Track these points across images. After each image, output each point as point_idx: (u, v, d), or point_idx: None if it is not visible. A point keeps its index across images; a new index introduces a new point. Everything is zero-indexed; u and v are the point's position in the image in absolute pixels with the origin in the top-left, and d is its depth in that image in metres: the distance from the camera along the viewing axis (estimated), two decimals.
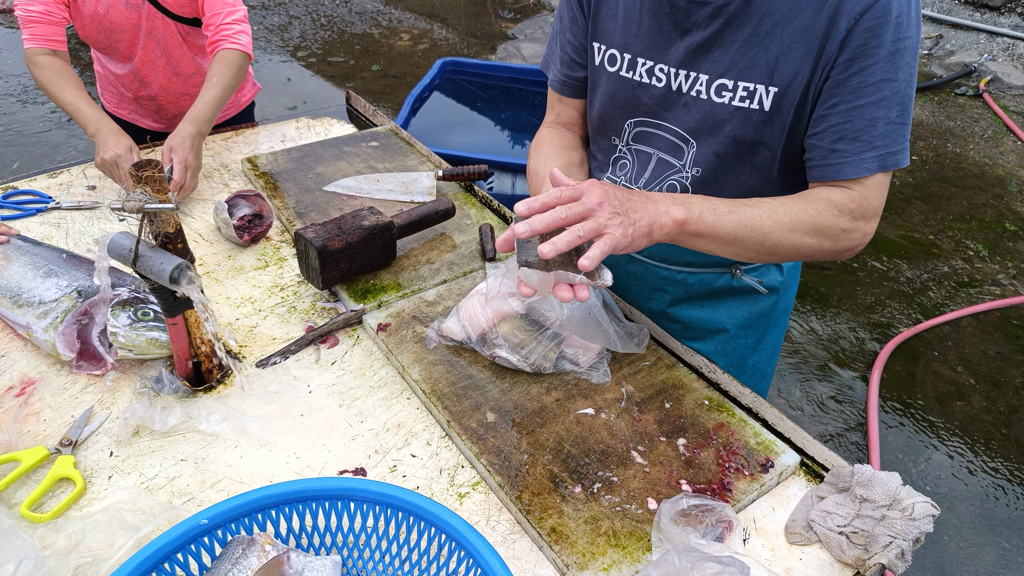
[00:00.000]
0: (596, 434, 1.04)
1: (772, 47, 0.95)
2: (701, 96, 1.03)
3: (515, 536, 0.92)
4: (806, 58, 0.94)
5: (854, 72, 0.92)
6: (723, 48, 0.99)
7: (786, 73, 0.95)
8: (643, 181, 1.16)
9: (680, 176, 1.12)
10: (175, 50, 1.78)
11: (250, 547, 0.78)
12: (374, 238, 1.30)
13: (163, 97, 1.88)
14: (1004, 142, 4.66)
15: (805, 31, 0.93)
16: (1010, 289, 3.31)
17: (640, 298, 1.31)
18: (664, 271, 1.24)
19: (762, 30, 0.95)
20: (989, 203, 4.00)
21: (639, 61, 1.07)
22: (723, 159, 1.06)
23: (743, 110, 1.00)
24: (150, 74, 1.82)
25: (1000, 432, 2.57)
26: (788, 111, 0.98)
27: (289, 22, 6.25)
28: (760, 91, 0.98)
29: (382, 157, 1.73)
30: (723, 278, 1.23)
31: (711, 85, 1.01)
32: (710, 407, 1.09)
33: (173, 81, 1.85)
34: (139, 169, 0.92)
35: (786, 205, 0.97)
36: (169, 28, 1.73)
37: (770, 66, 0.96)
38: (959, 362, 2.87)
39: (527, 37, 6.04)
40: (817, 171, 0.99)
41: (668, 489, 0.96)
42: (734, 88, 1.00)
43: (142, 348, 1.09)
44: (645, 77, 1.07)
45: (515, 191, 2.65)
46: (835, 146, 0.96)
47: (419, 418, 1.08)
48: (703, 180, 1.10)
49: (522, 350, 1.12)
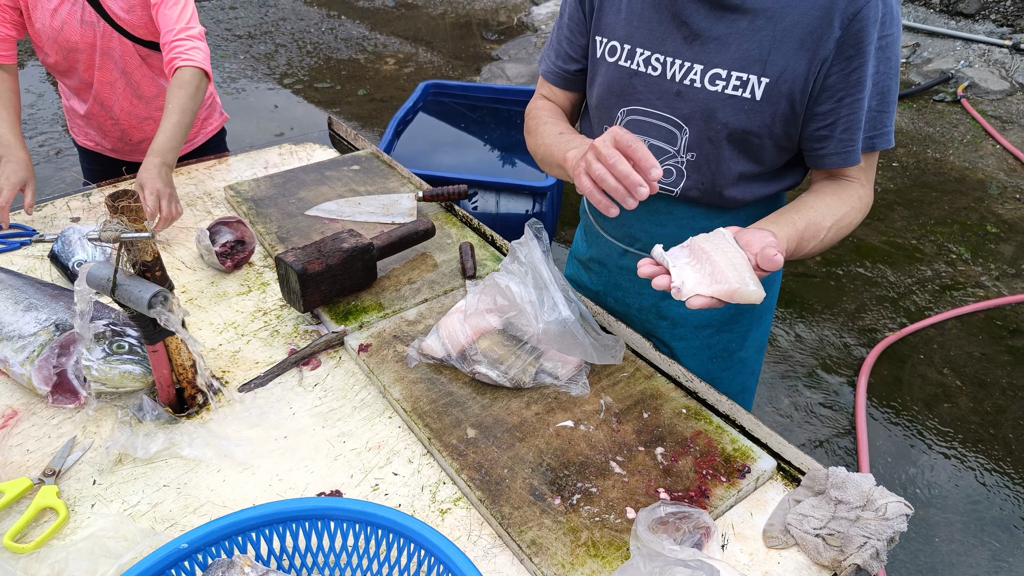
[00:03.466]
0: (576, 446, 1.05)
1: (765, 40, 1.02)
2: (695, 84, 1.08)
3: (496, 550, 0.93)
4: (798, 52, 1.01)
5: (855, 67, 1.01)
6: (719, 40, 1.05)
7: (777, 65, 1.03)
8: None
9: (675, 161, 1.16)
10: (135, 71, 1.77)
11: (230, 570, 0.78)
12: (354, 260, 1.32)
13: (126, 122, 1.87)
14: (983, 146, 4.73)
15: (796, 27, 1.00)
16: (993, 290, 3.34)
17: (631, 292, 1.33)
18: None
19: (756, 24, 1.02)
20: (970, 206, 4.06)
21: (637, 51, 1.13)
22: (716, 144, 1.11)
23: (735, 98, 1.06)
24: (110, 97, 1.80)
25: (988, 432, 2.59)
26: (779, 101, 1.05)
27: (276, 50, 6.32)
28: (752, 81, 1.05)
29: (363, 180, 1.76)
30: None
31: (705, 74, 1.07)
32: (688, 416, 1.11)
33: (135, 105, 1.83)
34: (115, 199, 0.94)
35: (835, 209, 1.08)
36: (127, 49, 1.72)
37: (763, 58, 1.03)
38: (945, 364, 2.89)
39: (511, 58, 6.12)
40: (829, 159, 1.09)
41: (647, 498, 0.97)
42: (727, 77, 1.06)
43: (115, 381, 1.10)
44: (642, 66, 1.13)
45: (499, 209, 2.68)
46: (844, 136, 1.06)
47: (400, 436, 1.09)
48: (697, 164, 1.15)
49: (501, 365, 1.13)
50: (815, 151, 1.10)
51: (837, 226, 1.07)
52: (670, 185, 1.18)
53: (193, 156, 2.02)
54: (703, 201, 1.18)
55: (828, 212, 1.06)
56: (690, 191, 1.17)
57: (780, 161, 1.15)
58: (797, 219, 1.03)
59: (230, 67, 5.88)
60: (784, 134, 1.09)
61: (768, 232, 0.93)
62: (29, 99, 5.10)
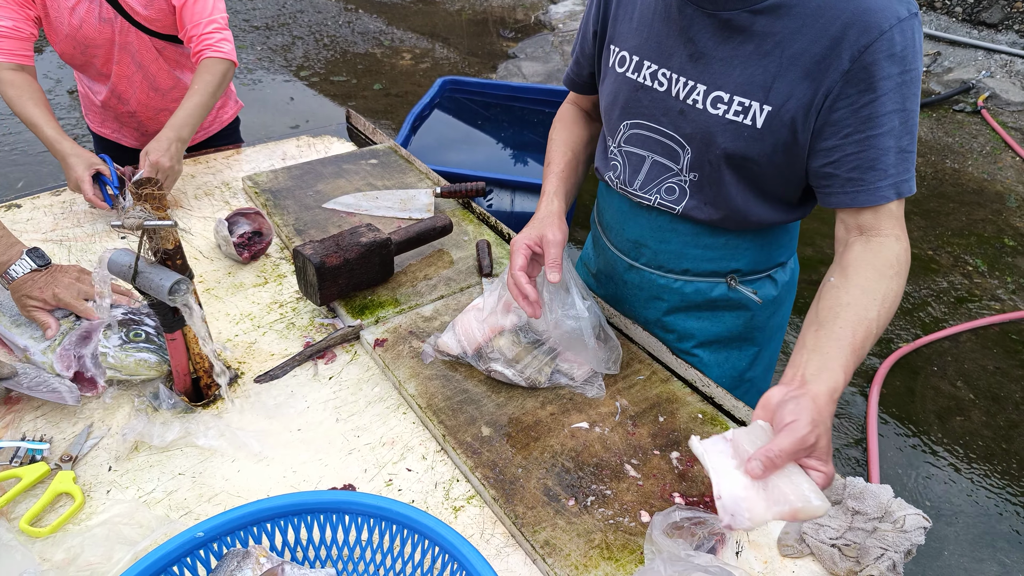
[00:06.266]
0: (590, 448, 1.04)
1: (771, 67, 0.97)
2: (697, 105, 1.05)
3: (509, 549, 0.93)
4: (803, 81, 0.96)
5: (865, 103, 0.93)
6: (724, 62, 1.01)
7: (781, 93, 0.98)
8: (639, 183, 1.18)
9: (678, 179, 1.14)
10: (151, 65, 1.78)
11: (245, 560, 0.79)
12: (372, 255, 1.31)
13: (142, 113, 1.89)
14: (1003, 158, 4.68)
15: (803, 55, 0.95)
16: (1009, 304, 3.31)
17: (637, 306, 1.32)
18: (661, 279, 1.26)
19: (763, 49, 0.98)
20: (988, 218, 4.02)
21: (645, 64, 1.10)
22: (715, 168, 1.08)
23: (736, 124, 1.02)
24: (127, 90, 1.82)
25: (1000, 447, 2.56)
26: (780, 130, 1.00)
27: (292, 42, 6.33)
28: (755, 108, 1.00)
29: (381, 175, 1.76)
30: (719, 288, 1.24)
31: (708, 96, 1.04)
32: (704, 420, 1.10)
33: (151, 97, 1.85)
34: (139, 186, 0.94)
35: (874, 292, 0.92)
36: (144, 43, 1.73)
37: (767, 85, 0.98)
38: (958, 377, 2.87)
39: (528, 56, 6.11)
40: (835, 198, 1.01)
41: (661, 502, 0.96)
42: (730, 101, 1.02)
43: (130, 369, 1.10)
44: (648, 80, 1.10)
45: (514, 208, 2.67)
46: (851, 175, 0.97)
47: (415, 432, 1.09)
48: (699, 185, 1.12)
49: (517, 364, 1.13)
50: (823, 189, 1.02)
51: (885, 310, 0.91)
52: (672, 203, 1.16)
53: (208, 145, 2.03)
54: (707, 221, 1.16)
55: (869, 300, 0.90)
56: (692, 211, 1.14)
57: (789, 191, 1.10)
58: (842, 334, 0.87)
59: (247, 58, 5.90)
60: (788, 164, 1.03)
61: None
62: (47, 84, 5.14)
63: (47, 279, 1.13)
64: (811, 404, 0.79)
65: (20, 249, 1.15)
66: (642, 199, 1.19)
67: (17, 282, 1.12)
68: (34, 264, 1.14)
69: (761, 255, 1.21)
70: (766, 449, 0.76)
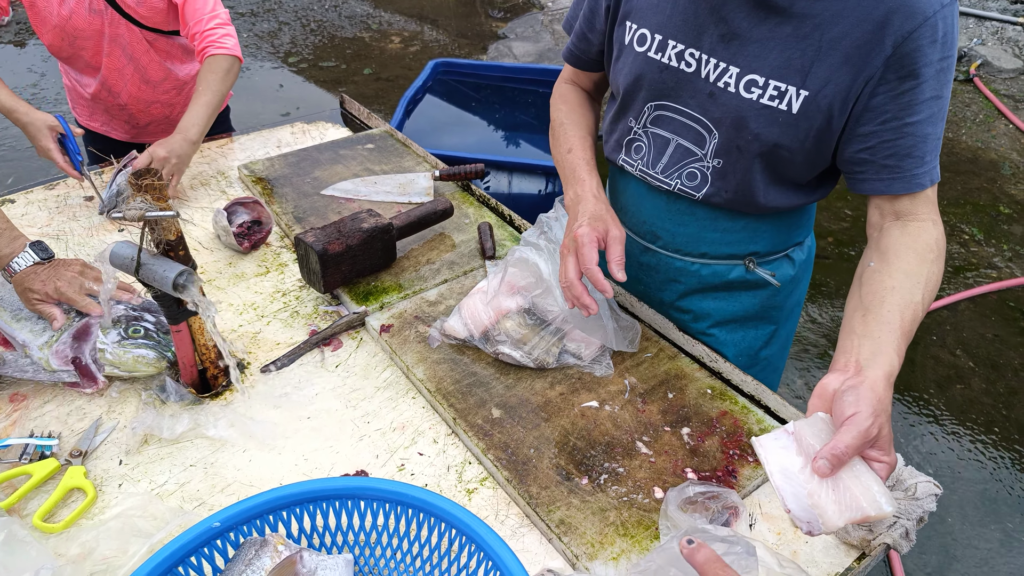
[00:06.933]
0: (601, 426, 1.05)
1: (809, 50, 0.94)
2: (729, 88, 1.01)
3: (524, 529, 0.93)
4: (843, 67, 0.93)
5: (906, 90, 0.92)
6: (759, 43, 0.97)
7: (819, 78, 0.95)
8: (661, 166, 1.15)
9: (701, 165, 1.11)
10: (142, 57, 1.76)
11: (263, 548, 0.79)
12: (374, 240, 1.30)
13: (133, 106, 1.86)
14: (996, 126, 4.67)
15: (844, 39, 0.92)
16: (1006, 272, 3.32)
17: (652, 288, 1.31)
18: (678, 262, 1.24)
19: (802, 31, 0.94)
20: (983, 187, 4.02)
21: (670, 43, 1.05)
22: (743, 153, 1.05)
23: (770, 109, 0.99)
24: (118, 83, 1.79)
25: (1000, 414, 2.58)
26: (816, 116, 0.97)
27: (279, 28, 6.25)
28: (791, 92, 0.97)
29: (378, 159, 1.74)
30: (736, 270, 1.23)
31: (741, 79, 1.00)
32: (713, 396, 1.10)
33: (142, 89, 1.83)
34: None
35: (918, 276, 0.91)
36: (134, 35, 1.71)
37: (805, 69, 0.95)
38: (957, 346, 2.88)
39: (518, 36, 6.05)
40: (869, 184, 0.99)
41: (674, 478, 0.97)
42: (764, 85, 0.99)
43: (129, 365, 1.09)
44: (674, 60, 1.05)
45: (511, 189, 2.65)
46: (888, 161, 0.96)
47: (425, 417, 1.09)
48: (723, 172, 1.09)
49: (525, 346, 1.13)
50: (855, 175, 1.01)
51: (929, 292, 0.91)
52: (693, 189, 1.14)
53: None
54: (725, 206, 1.14)
55: (913, 283, 0.90)
56: (712, 197, 1.13)
57: (811, 175, 1.09)
58: (891, 317, 0.86)
59: None
60: (817, 151, 1.02)
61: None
62: (32, 79, 5.06)
63: (49, 272, 1.12)
64: (870, 393, 0.76)
65: (23, 242, 1.14)
66: (662, 183, 1.16)
67: (19, 275, 1.11)
68: (37, 257, 1.13)
69: (779, 237, 1.20)
70: (831, 447, 0.73)
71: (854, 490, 0.74)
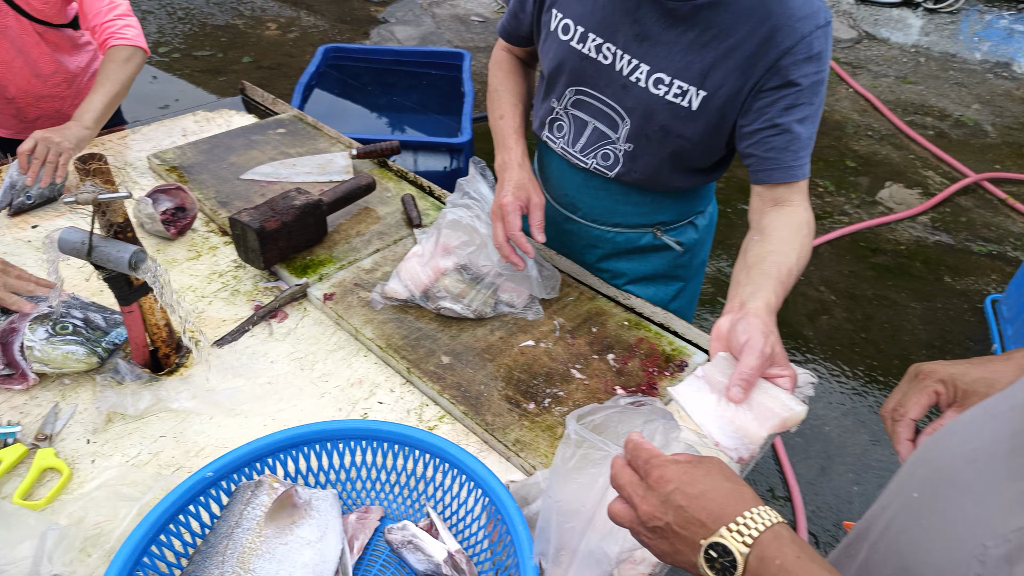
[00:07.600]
0: (539, 360, 1.19)
1: (708, 56, 1.08)
2: (640, 83, 1.15)
3: (484, 453, 1.05)
4: (735, 72, 1.08)
5: (784, 95, 1.07)
6: (667, 46, 1.11)
7: (715, 81, 1.09)
8: (579, 146, 1.30)
9: (614, 147, 1.25)
10: (32, 49, 1.70)
11: (259, 487, 0.86)
12: (306, 216, 1.37)
13: (22, 100, 1.78)
14: (838, 90, 5.23)
15: (737, 49, 1.07)
16: (856, 216, 3.79)
17: (576, 252, 1.46)
18: (596, 230, 1.40)
19: (703, 39, 1.08)
20: (831, 145, 4.52)
21: (590, 35, 1.17)
22: (651, 140, 1.20)
23: (674, 105, 1.13)
24: (6, 76, 1.71)
25: (860, 337, 2.99)
26: (712, 113, 1.12)
27: (143, 17, 5.87)
28: (692, 92, 1.11)
29: (292, 143, 1.78)
30: (646, 236, 1.39)
31: (650, 76, 1.14)
32: (630, 326, 1.27)
33: (32, 83, 1.76)
34: (85, 162, 0.96)
35: (792, 244, 1.07)
36: (24, 27, 1.65)
37: (704, 72, 1.09)
38: (821, 283, 3.28)
39: (399, 20, 6.04)
40: (754, 175, 1.15)
41: (606, 395, 1.13)
42: (670, 84, 1.12)
43: (58, 362, 1.09)
44: (593, 52, 1.18)
45: (418, 167, 2.73)
46: (768, 155, 1.12)
47: (379, 371, 1.18)
48: (633, 155, 1.24)
49: (464, 299, 1.25)
50: (747, 166, 1.16)
51: (802, 259, 1.07)
52: (606, 168, 1.28)
53: None
54: (636, 184, 1.29)
55: (788, 248, 1.06)
56: (624, 176, 1.28)
57: (709, 162, 1.25)
58: (769, 270, 1.01)
59: None
60: (713, 142, 1.18)
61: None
62: None
63: None
64: (756, 320, 0.89)
65: None
66: (580, 161, 1.31)
67: None
68: None
69: (683, 208, 1.38)
70: (738, 373, 0.83)
71: (767, 403, 0.83)
